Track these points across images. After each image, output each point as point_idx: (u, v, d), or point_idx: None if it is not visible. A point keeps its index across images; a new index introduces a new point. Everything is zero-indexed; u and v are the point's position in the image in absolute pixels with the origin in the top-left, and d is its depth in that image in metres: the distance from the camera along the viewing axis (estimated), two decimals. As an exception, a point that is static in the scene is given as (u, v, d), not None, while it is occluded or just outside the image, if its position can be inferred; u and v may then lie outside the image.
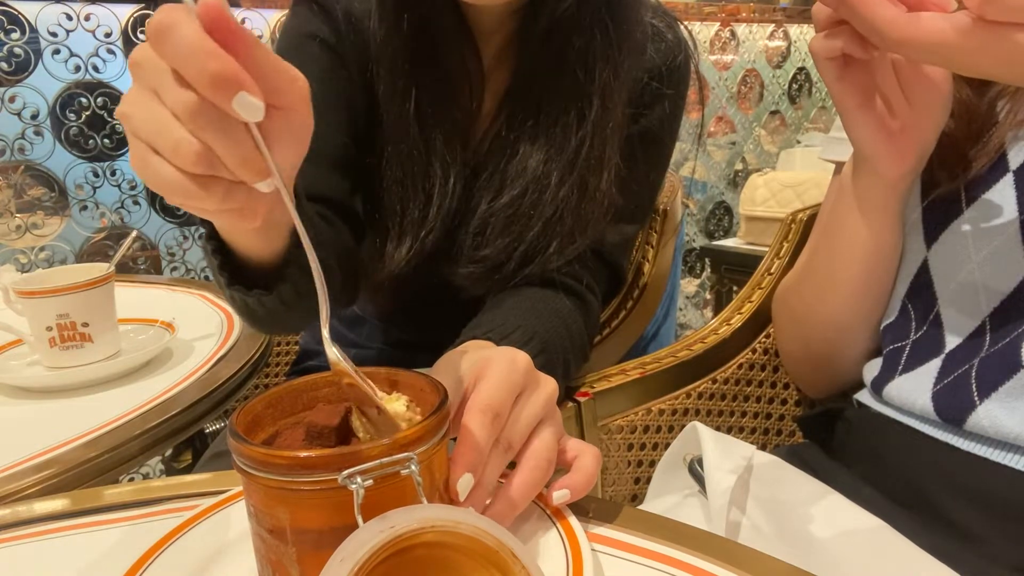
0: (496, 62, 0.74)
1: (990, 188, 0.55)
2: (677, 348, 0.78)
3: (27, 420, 0.65)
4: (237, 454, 0.34)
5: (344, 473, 0.32)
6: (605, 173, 0.70)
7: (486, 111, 0.76)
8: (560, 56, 0.69)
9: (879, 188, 0.60)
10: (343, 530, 0.30)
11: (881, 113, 0.56)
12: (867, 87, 0.55)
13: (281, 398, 0.41)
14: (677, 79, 0.77)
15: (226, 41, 0.32)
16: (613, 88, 0.69)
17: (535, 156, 0.71)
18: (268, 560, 0.35)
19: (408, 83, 0.70)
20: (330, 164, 0.72)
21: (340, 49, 0.74)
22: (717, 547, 0.41)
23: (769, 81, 2.86)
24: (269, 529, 0.34)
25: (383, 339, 0.91)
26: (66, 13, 1.61)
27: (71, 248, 1.70)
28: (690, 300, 2.87)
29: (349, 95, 0.74)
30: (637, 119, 0.75)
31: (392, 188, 0.73)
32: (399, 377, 0.41)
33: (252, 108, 0.33)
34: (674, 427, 0.77)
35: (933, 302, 0.59)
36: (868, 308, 0.65)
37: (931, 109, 0.55)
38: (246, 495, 0.36)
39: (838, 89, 0.55)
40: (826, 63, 0.54)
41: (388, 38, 0.70)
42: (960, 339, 0.56)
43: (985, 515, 0.51)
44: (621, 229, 0.78)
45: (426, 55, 0.71)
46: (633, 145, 0.75)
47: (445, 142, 0.72)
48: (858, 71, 0.54)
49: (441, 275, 0.75)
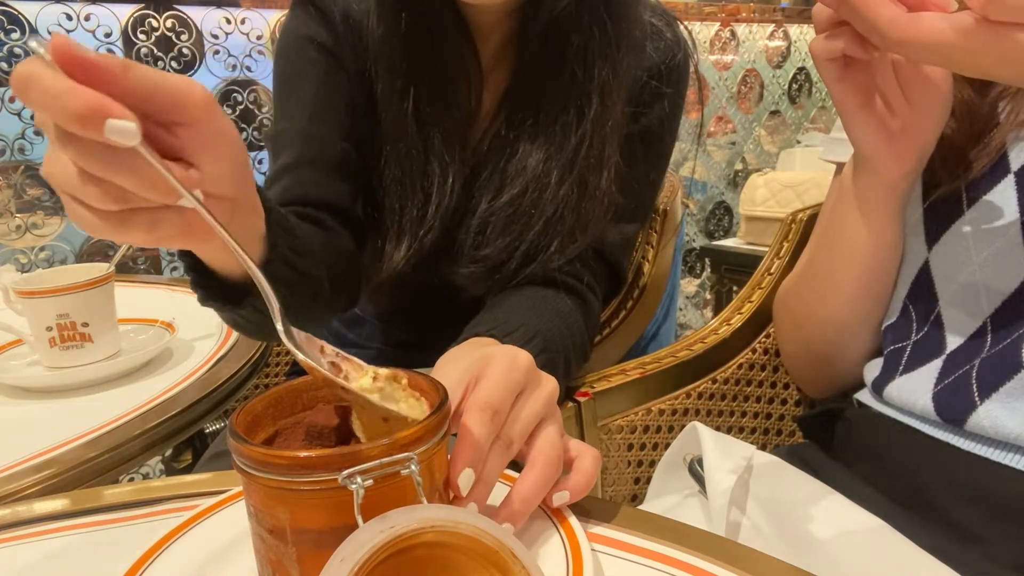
0: (495, 61, 0.74)
1: (991, 189, 0.55)
2: (677, 348, 0.78)
3: (27, 420, 0.66)
4: (237, 454, 0.34)
5: (344, 473, 0.32)
6: (605, 172, 0.70)
7: (485, 110, 0.76)
8: (559, 54, 0.69)
9: (879, 188, 0.60)
10: (343, 530, 0.30)
11: (881, 113, 0.56)
12: (867, 88, 0.55)
13: (281, 398, 0.41)
14: (676, 78, 0.77)
15: (87, 76, 0.32)
16: (612, 86, 0.69)
17: (535, 155, 0.71)
18: (268, 560, 0.35)
19: (406, 82, 0.71)
20: (330, 169, 0.72)
21: (338, 51, 0.74)
22: (717, 547, 0.41)
23: (769, 81, 2.86)
24: (269, 529, 0.34)
25: (383, 339, 0.91)
26: (66, 13, 1.61)
27: (71, 248, 1.70)
28: (690, 300, 2.87)
29: (348, 98, 0.74)
30: (637, 118, 0.75)
31: (391, 188, 0.73)
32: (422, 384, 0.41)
33: (126, 132, 0.32)
34: (674, 427, 0.77)
35: (934, 303, 0.59)
36: (868, 309, 0.65)
37: (931, 109, 0.55)
38: (246, 495, 0.36)
39: (838, 90, 0.55)
40: (826, 64, 0.54)
41: (386, 37, 0.70)
42: (961, 340, 0.56)
43: (985, 515, 0.51)
44: (622, 228, 0.78)
45: (424, 54, 0.71)
46: (633, 144, 0.75)
47: (444, 141, 0.72)
48: (858, 72, 0.54)
49: (441, 275, 0.75)
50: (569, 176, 0.69)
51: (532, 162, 0.71)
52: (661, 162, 0.81)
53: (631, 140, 0.74)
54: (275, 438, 0.39)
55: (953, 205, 0.57)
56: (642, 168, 0.77)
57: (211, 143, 0.37)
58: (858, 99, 0.55)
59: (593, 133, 0.69)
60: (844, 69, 0.54)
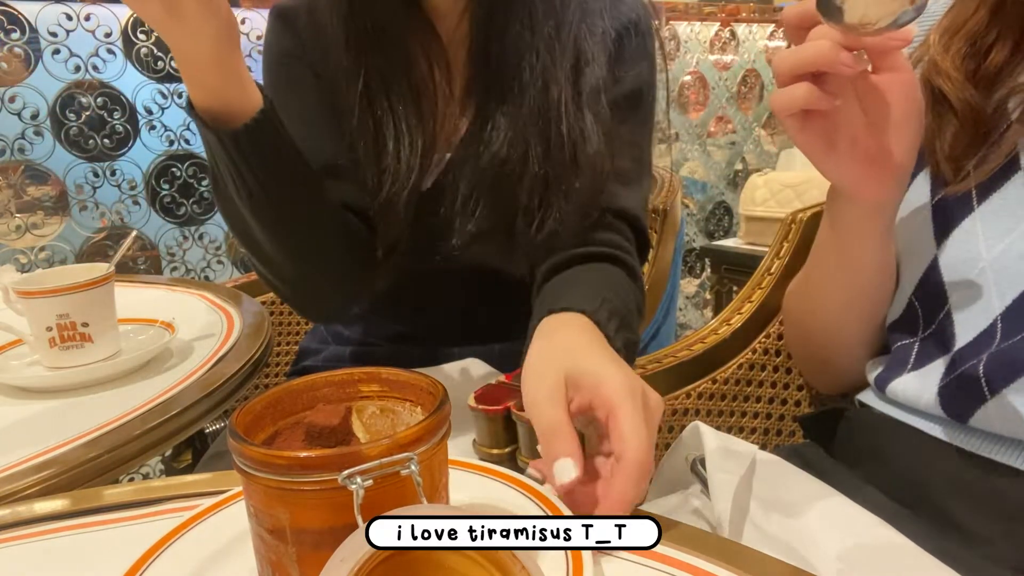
0: (458, 41, 0.77)
1: (1002, 186, 0.55)
2: (677, 348, 0.78)
3: (27, 420, 0.65)
4: (237, 454, 0.34)
5: (344, 473, 0.32)
6: (565, 121, 0.72)
7: (458, 95, 0.78)
8: (505, 18, 0.72)
9: (862, 216, 0.58)
10: (343, 530, 0.30)
11: (851, 147, 0.53)
12: (830, 130, 0.52)
13: (281, 398, 0.41)
14: (641, 39, 0.80)
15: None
16: (556, 41, 0.73)
17: (504, 118, 0.74)
18: (268, 560, 0.35)
19: (357, 63, 0.74)
20: (329, 174, 0.75)
21: (307, 58, 0.79)
22: (718, 547, 0.41)
23: (769, 81, 2.86)
24: (269, 529, 0.34)
25: (380, 335, 0.91)
26: (66, 13, 1.61)
27: (71, 248, 1.70)
28: (690, 300, 2.87)
29: (329, 101, 0.77)
30: (612, 79, 0.77)
31: (361, 161, 0.76)
32: (400, 377, 0.41)
33: None
34: (674, 427, 0.77)
35: (943, 300, 0.59)
36: (865, 318, 0.65)
37: (903, 125, 0.52)
38: (246, 495, 0.35)
39: (802, 140, 0.53)
40: (787, 119, 0.52)
41: (340, 22, 0.74)
42: (970, 337, 0.56)
43: (988, 516, 0.51)
44: (632, 191, 0.79)
45: (376, 34, 0.74)
46: (614, 105, 0.77)
47: (403, 113, 0.75)
48: (817, 118, 0.52)
49: (443, 254, 0.77)
50: (537, 127, 0.72)
51: (503, 123, 0.73)
52: (648, 119, 0.83)
53: (616, 104, 0.76)
54: (275, 438, 0.39)
55: (963, 202, 0.57)
56: (628, 127, 0.79)
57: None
58: (823, 143, 0.53)
59: (548, 84, 0.72)
60: (804, 120, 0.51)
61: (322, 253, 0.74)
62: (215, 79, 0.60)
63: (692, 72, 2.65)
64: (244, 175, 0.64)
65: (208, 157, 0.66)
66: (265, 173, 0.64)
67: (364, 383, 0.42)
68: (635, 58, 0.78)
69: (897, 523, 0.51)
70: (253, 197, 0.65)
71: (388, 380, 0.42)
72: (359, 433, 0.40)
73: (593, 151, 0.73)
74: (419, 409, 0.41)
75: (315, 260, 0.73)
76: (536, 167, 0.72)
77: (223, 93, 0.61)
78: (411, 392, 0.41)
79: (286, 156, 0.66)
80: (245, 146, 0.62)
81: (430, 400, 0.39)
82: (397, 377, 0.41)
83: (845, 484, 0.57)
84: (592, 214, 0.74)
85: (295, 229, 0.70)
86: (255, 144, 0.63)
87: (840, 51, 0.45)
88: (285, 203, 0.67)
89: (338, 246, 0.75)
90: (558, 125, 0.72)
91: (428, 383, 0.40)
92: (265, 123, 0.63)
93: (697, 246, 2.82)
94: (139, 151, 1.74)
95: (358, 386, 0.42)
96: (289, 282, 0.76)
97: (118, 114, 1.70)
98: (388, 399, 0.42)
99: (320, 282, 0.76)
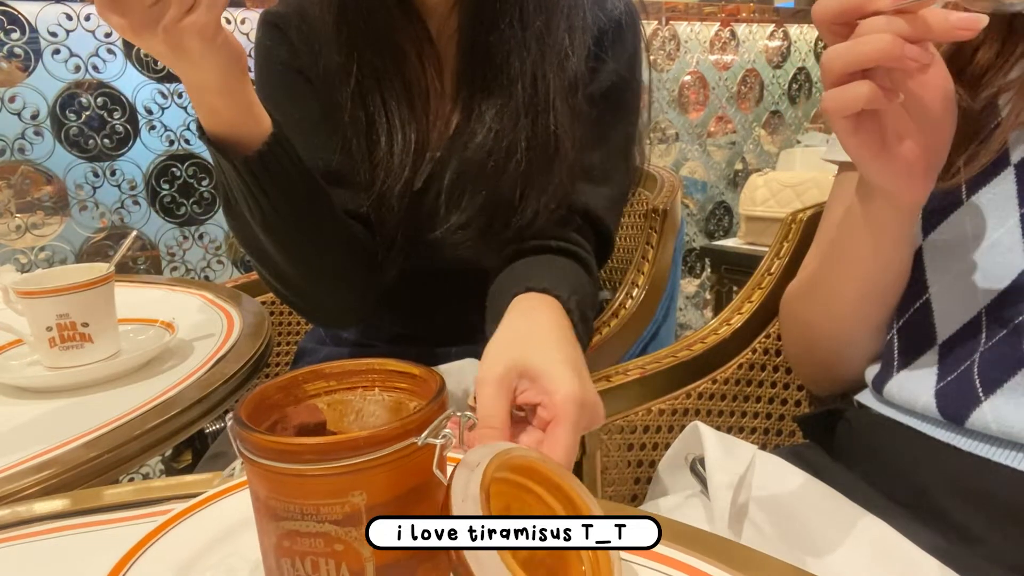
0: (448, 37, 0.78)
1: (990, 181, 0.55)
2: (677, 348, 0.78)
3: (27, 420, 0.65)
4: (300, 455, 0.32)
5: (424, 433, 0.33)
6: (552, 114, 0.73)
7: (449, 91, 0.79)
8: (494, 13, 0.73)
9: (895, 214, 0.57)
10: (409, 494, 0.33)
11: (897, 148, 0.51)
12: (879, 132, 0.50)
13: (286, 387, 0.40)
14: (624, 34, 0.79)
15: None
16: (546, 35, 0.73)
17: (490, 110, 0.74)
18: (327, 555, 0.34)
19: (350, 58, 0.75)
20: (329, 182, 0.75)
21: (298, 64, 0.79)
22: (718, 547, 0.41)
23: (769, 81, 2.86)
24: (336, 520, 0.33)
25: (378, 336, 0.91)
26: (66, 13, 1.61)
27: (71, 248, 1.70)
28: (690, 300, 2.87)
29: (323, 106, 0.78)
30: (594, 75, 0.77)
31: (352, 156, 0.77)
32: (395, 366, 0.41)
33: None
34: (674, 427, 0.77)
35: (922, 290, 0.59)
36: (874, 320, 0.64)
37: (942, 122, 0.50)
38: (294, 497, 0.33)
39: (854, 143, 0.50)
40: (841, 120, 0.49)
41: (332, 20, 0.75)
42: (953, 330, 0.56)
43: (986, 516, 0.51)
44: (601, 192, 0.79)
45: (368, 29, 0.75)
46: (595, 102, 0.77)
47: (395, 108, 0.76)
48: (869, 119, 0.49)
49: (429, 246, 0.78)
50: (522, 121, 0.73)
51: (489, 115, 0.74)
52: (628, 117, 0.82)
53: (592, 99, 0.77)
54: (275, 428, 0.39)
55: (952, 196, 0.57)
56: (608, 124, 0.79)
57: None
58: (876, 145, 0.50)
59: (536, 78, 0.73)
60: (857, 121, 0.49)
61: (334, 264, 0.75)
62: (224, 107, 0.61)
63: (692, 72, 2.65)
64: (258, 198, 0.65)
65: (219, 181, 0.67)
66: (278, 195, 0.65)
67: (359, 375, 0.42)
68: (614, 55, 0.78)
69: (896, 523, 0.51)
70: (267, 219, 0.66)
71: (385, 370, 0.42)
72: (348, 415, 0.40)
73: (571, 145, 0.73)
74: (414, 397, 0.41)
75: (327, 271, 0.74)
76: (520, 160, 0.73)
77: (232, 120, 0.62)
78: (408, 380, 0.41)
79: (297, 177, 0.67)
80: (258, 171, 0.63)
81: (428, 388, 0.39)
82: (393, 366, 0.41)
83: (845, 484, 0.57)
84: (560, 210, 0.75)
85: (308, 245, 0.71)
86: (268, 169, 0.64)
87: (905, 44, 0.43)
88: (298, 221, 0.68)
89: (347, 255, 0.76)
90: (544, 119, 0.73)
91: (425, 371, 0.40)
92: (276, 147, 0.64)
93: (697, 246, 2.82)
94: (139, 151, 1.74)
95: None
96: (303, 294, 0.76)
97: (118, 114, 1.70)
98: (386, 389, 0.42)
99: (331, 291, 0.77)
